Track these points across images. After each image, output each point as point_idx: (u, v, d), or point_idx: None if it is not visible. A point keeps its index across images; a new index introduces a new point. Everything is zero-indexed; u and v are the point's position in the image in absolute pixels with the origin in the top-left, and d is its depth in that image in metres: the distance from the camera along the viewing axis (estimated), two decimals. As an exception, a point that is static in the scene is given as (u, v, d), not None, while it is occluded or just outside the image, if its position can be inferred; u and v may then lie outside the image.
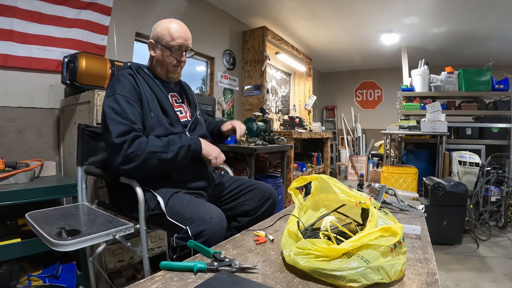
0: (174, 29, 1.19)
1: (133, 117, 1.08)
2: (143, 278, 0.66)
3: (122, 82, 1.14)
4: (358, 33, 4.31)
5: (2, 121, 1.78)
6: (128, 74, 1.18)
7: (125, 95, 1.10)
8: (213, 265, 0.69)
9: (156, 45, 1.21)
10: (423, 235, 0.96)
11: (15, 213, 1.59)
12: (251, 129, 2.84)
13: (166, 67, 1.23)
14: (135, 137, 1.04)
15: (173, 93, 1.32)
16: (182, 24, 1.23)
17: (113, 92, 1.11)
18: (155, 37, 1.21)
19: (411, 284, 0.64)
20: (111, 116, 1.06)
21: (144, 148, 1.04)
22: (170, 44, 1.18)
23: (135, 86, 1.16)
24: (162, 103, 1.20)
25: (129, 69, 1.21)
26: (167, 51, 1.19)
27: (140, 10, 2.56)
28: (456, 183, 2.57)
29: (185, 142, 1.12)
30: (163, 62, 1.22)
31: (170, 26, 1.19)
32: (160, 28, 1.20)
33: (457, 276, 2.07)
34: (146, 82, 1.21)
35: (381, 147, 5.21)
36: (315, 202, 0.89)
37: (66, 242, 0.90)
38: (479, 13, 3.39)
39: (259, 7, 3.54)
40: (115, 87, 1.12)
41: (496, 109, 3.68)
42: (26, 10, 1.80)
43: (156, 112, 1.17)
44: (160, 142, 1.08)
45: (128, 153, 1.01)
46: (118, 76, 1.17)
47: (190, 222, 0.94)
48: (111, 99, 1.09)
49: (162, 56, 1.21)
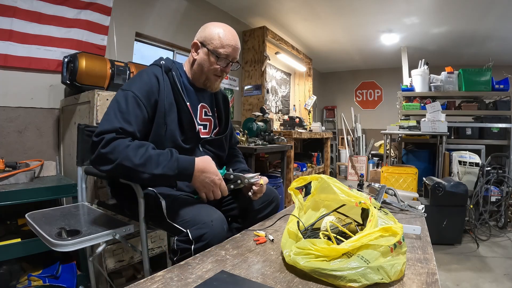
0: (226, 35, 1.09)
1: (134, 121, 0.99)
2: (143, 278, 0.66)
3: (143, 80, 1.06)
4: (358, 33, 4.31)
5: (2, 121, 1.79)
6: (154, 75, 1.08)
7: (138, 96, 1.02)
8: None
9: (202, 47, 1.11)
10: (423, 235, 0.96)
11: (15, 213, 1.59)
12: (251, 129, 2.84)
13: (207, 74, 1.13)
14: (114, 138, 0.92)
15: (204, 104, 1.21)
16: (234, 32, 1.13)
17: (129, 87, 1.03)
18: (202, 39, 1.10)
19: (411, 284, 0.64)
20: (110, 111, 0.99)
21: (118, 154, 0.90)
22: (218, 50, 1.09)
23: (155, 91, 1.06)
24: (182, 116, 1.10)
25: (159, 68, 1.10)
26: (212, 57, 1.10)
27: (140, 10, 2.56)
28: (456, 183, 2.57)
29: (169, 169, 0.94)
30: (205, 68, 1.12)
31: (221, 30, 1.09)
32: (210, 30, 1.10)
33: (457, 276, 2.07)
34: (172, 88, 1.09)
35: (381, 147, 5.21)
36: (315, 202, 0.89)
37: (66, 242, 0.90)
38: (479, 13, 3.39)
39: (259, 7, 3.54)
40: (133, 83, 1.05)
41: (496, 109, 3.68)
42: (26, 10, 1.80)
43: (172, 126, 1.08)
44: (139, 157, 0.91)
45: (101, 153, 0.91)
46: (143, 73, 1.09)
47: (190, 225, 0.93)
48: (123, 94, 1.02)
49: (205, 61, 1.11)
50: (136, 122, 1.00)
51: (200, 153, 1.17)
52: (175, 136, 1.09)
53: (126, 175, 0.97)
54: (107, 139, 0.92)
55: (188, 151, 1.13)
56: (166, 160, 0.94)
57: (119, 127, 0.95)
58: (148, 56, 2.84)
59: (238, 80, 3.86)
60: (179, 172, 0.95)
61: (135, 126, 0.99)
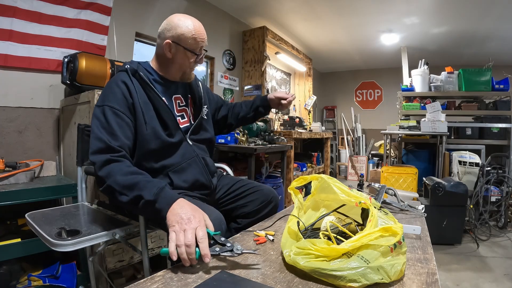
0: (196, 30, 1.11)
1: (119, 131, 1.00)
2: (143, 278, 0.66)
3: (113, 91, 1.06)
4: (358, 33, 4.31)
5: (2, 121, 1.79)
6: (121, 81, 1.08)
7: (114, 106, 1.03)
8: (215, 251, 0.69)
9: (176, 47, 1.11)
10: (423, 235, 0.96)
11: (15, 213, 1.60)
12: (251, 129, 2.84)
13: (184, 70, 1.17)
14: (108, 161, 0.94)
15: (177, 96, 1.22)
16: (201, 25, 1.15)
17: (102, 102, 1.04)
18: (175, 38, 1.10)
19: (411, 284, 0.64)
20: (94, 129, 1.00)
21: (109, 177, 0.92)
22: (193, 47, 1.11)
23: (127, 96, 1.06)
24: (160, 111, 1.11)
25: (125, 73, 1.11)
26: (190, 54, 1.12)
27: (140, 10, 2.56)
28: (456, 183, 2.57)
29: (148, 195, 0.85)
30: (182, 65, 1.15)
31: (191, 25, 1.11)
32: (181, 28, 1.10)
33: (457, 276, 2.07)
34: (142, 88, 1.10)
35: (381, 147, 5.21)
36: (315, 202, 0.89)
37: (66, 242, 0.90)
38: (479, 13, 3.39)
39: (259, 7, 3.54)
40: (105, 96, 1.06)
41: (496, 109, 3.69)
42: (26, 10, 1.80)
43: (152, 123, 1.09)
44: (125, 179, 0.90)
45: (99, 175, 0.95)
46: (111, 84, 1.09)
47: None
48: (100, 110, 1.03)
49: (183, 59, 1.13)
50: (122, 132, 1.02)
51: (189, 145, 1.17)
52: (158, 132, 1.09)
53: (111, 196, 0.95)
54: (100, 163, 0.94)
55: (175, 145, 1.14)
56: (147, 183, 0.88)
57: (107, 146, 0.97)
58: (148, 56, 2.82)
59: (238, 80, 3.86)
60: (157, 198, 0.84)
61: (122, 137, 1.01)
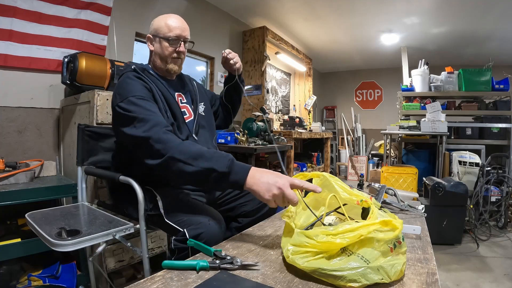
0: (171, 20, 1.19)
1: (157, 111, 1.02)
2: (143, 278, 0.66)
3: (131, 84, 1.06)
4: (358, 33, 4.31)
5: (2, 121, 1.79)
6: (135, 77, 1.11)
7: (139, 95, 1.02)
8: (215, 263, 0.69)
9: (154, 38, 1.20)
10: (423, 235, 0.96)
11: (15, 213, 1.60)
12: (251, 129, 2.84)
13: (166, 59, 1.20)
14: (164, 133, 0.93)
15: (179, 93, 1.26)
16: (179, 17, 1.22)
17: (125, 96, 1.01)
18: (152, 31, 1.20)
19: (411, 284, 0.64)
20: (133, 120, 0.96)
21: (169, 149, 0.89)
22: (167, 35, 1.16)
23: (147, 87, 1.09)
24: (171, 104, 1.16)
25: (133, 71, 1.14)
26: (165, 42, 1.17)
27: (140, 10, 2.56)
28: (456, 183, 2.57)
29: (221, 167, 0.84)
30: (162, 54, 1.19)
31: (166, 18, 1.19)
32: (157, 22, 1.20)
33: (457, 276, 2.07)
34: (153, 83, 1.15)
35: (381, 147, 5.21)
36: (316, 200, 0.88)
37: (66, 242, 0.90)
38: (479, 13, 3.39)
39: (259, 7, 3.54)
40: (124, 91, 1.03)
41: (496, 109, 3.69)
42: (26, 10, 1.80)
43: (167, 114, 1.12)
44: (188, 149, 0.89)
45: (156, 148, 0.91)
46: (125, 80, 1.09)
47: (187, 224, 0.93)
48: (125, 103, 1.00)
49: (161, 49, 1.19)
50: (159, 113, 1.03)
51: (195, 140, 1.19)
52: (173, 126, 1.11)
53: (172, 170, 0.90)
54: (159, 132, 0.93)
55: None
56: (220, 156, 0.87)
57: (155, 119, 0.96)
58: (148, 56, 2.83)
59: (238, 80, 3.86)
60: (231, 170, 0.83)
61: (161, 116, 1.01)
